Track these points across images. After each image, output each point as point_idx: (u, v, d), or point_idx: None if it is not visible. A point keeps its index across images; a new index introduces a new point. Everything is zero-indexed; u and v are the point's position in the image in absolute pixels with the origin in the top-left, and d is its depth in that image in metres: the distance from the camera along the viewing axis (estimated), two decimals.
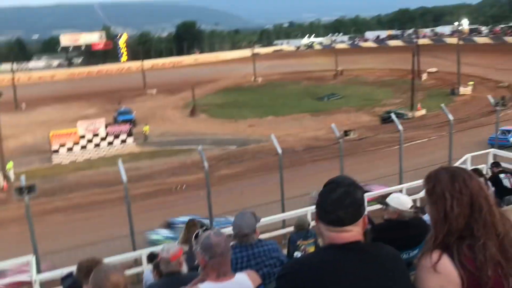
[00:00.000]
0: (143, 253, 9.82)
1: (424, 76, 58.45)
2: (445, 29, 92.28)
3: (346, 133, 12.94)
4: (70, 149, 34.69)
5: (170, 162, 30.66)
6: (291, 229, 10.10)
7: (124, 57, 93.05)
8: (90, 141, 35.46)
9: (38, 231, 11.68)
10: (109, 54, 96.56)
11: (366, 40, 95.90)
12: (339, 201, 1.81)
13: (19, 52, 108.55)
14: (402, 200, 4.17)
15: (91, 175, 28.70)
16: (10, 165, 29.45)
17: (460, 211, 1.68)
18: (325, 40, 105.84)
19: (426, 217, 4.45)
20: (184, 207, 20.80)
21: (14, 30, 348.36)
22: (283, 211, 12.34)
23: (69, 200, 21.72)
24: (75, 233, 18.68)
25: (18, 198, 10.71)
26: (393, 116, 14.23)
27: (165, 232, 15.17)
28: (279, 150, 12.62)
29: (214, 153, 30.16)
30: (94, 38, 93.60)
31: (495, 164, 9.45)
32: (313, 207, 10.64)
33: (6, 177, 28.43)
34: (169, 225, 15.60)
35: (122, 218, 14.67)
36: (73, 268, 4.22)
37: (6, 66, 77.16)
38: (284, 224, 11.93)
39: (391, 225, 4.07)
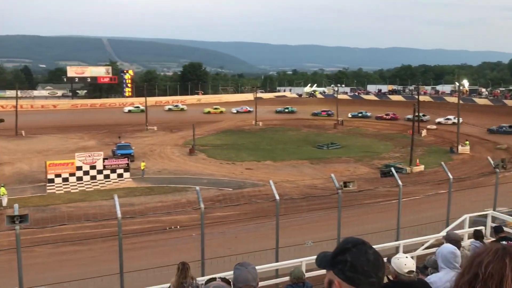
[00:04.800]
0: None
1: (424, 133, 59.00)
2: (445, 88, 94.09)
3: (345, 184, 12.81)
4: (65, 180, 34.49)
5: (165, 200, 30.37)
6: (284, 279, 9.86)
7: (128, 93, 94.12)
8: (86, 173, 35.32)
9: (25, 262, 11.35)
10: (113, 88, 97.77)
11: (367, 93, 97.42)
12: (376, 262, 1.73)
13: (25, 80, 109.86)
14: (399, 263, 4.07)
15: (85, 207, 28.33)
16: (2, 190, 29.12)
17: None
18: (327, 89, 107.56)
19: (432, 278, 4.32)
20: (174, 248, 20.45)
21: (23, 58, 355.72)
22: (276, 260, 12.06)
23: (60, 231, 21.30)
24: (62, 266, 18.23)
25: (8, 226, 10.43)
26: (393, 170, 14.18)
27: None
28: (277, 196, 12.45)
29: (209, 194, 29.94)
30: (100, 71, 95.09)
31: (497, 228, 9.20)
32: (309, 258, 10.42)
33: None
34: None
35: (112, 254, 14.33)
36: None
37: (11, 92, 77.90)
38: (277, 273, 11.63)
39: (392, 286, 3.92)
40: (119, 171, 36.41)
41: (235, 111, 79.51)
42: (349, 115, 73.72)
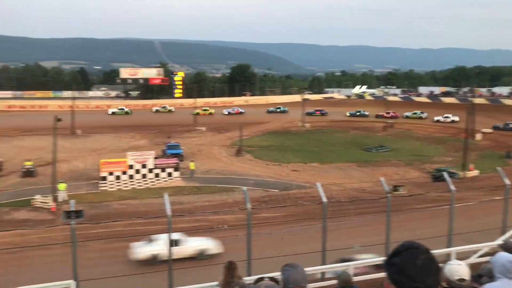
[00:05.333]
0: None
1: (478, 136, 56.60)
2: (502, 90, 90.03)
3: (395, 188, 12.54)
4: (117, 178, 35.73)
5: (212, 200, 30.82)
6: (330, 282, 9.78)
7: (177, 94, 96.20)
8: (137, 171, 36.43)
9: (79, 256, 11.86)
10: (164, 89, 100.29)
11: (419, 95, 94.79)
12: (426, 268, 1.72)
13: (81, 81, 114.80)
14: (451, 269, 3.95)
15: (136, 205, 29.24)
16: (63, 186, 30.56)
17: None
18: (377, 91, 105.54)
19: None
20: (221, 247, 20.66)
21: (80, 60, 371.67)
22: (323, 262, 11.97)
23: (112, 227, 22.08)
24: (115, 262, 18.88)
25: (64, 221, 10.93)
26: (445, 175, 13.72)
27: None
28: (324, 199, 12.32)
29: (256, 195, 30.09)
30: (152, 73, 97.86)
31: None
32: (356, 262, 10.29)
33: (55, 198, 29.46)
34: None
35: None
36: None
37: (68, 93, 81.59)
38: (323, 276, 11.55)
39: None
40: (169, 170, 37.32)
41: (227, 113, 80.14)
42: (347, 114, 77.81)
